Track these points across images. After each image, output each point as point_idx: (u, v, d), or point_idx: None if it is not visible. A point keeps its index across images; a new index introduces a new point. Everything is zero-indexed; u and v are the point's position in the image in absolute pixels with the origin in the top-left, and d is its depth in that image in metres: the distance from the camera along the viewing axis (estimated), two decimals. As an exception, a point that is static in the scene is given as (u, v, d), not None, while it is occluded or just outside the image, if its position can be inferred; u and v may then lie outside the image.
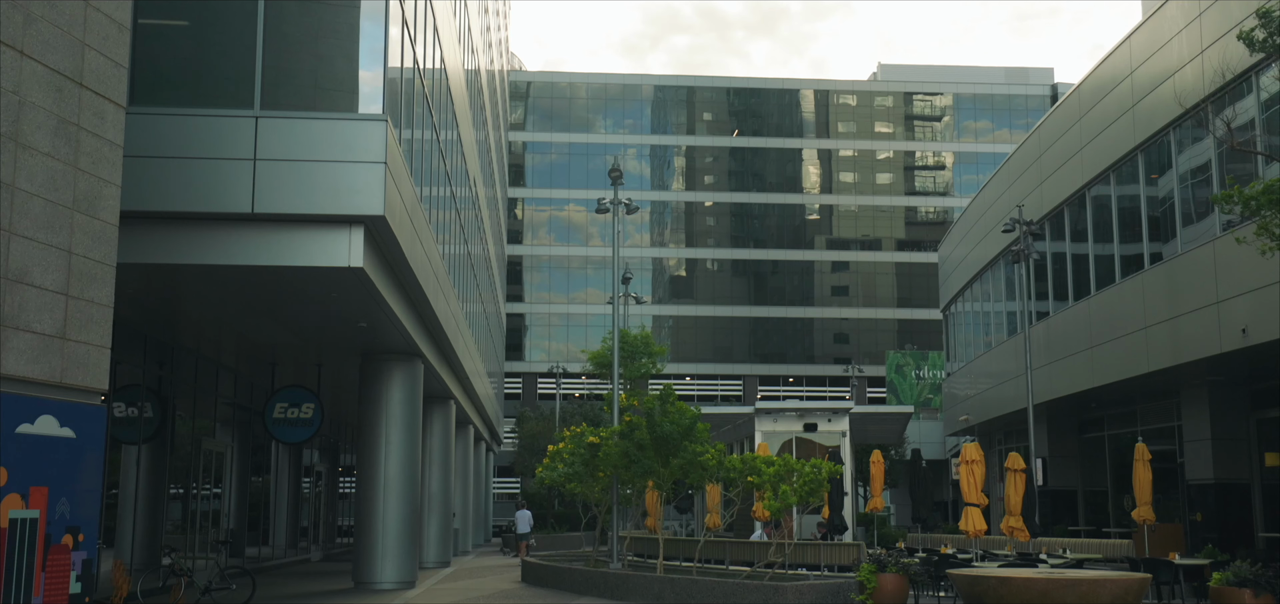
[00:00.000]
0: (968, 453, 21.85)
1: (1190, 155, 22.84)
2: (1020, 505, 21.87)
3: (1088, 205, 28.45)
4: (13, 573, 8.12)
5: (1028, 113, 74.25)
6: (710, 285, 74.18)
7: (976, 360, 39.94)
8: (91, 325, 9.02)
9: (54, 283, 8.63)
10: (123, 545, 19.11)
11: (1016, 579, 12.32)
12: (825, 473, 18.06)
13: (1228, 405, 24.15)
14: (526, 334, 73.13)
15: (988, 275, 38.15)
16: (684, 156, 75.63)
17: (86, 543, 8.84)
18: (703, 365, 72.44)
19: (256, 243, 13.96)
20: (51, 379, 8.58)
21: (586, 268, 73.75)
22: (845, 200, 74.81)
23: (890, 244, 74.43)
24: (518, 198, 73.57)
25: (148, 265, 13.88)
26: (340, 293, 15.87)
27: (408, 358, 21.50)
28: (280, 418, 22.02)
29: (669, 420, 18.73)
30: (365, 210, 14.08)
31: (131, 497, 19.60)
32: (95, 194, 9.13)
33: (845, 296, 73.82)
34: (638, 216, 72.65)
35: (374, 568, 20.78)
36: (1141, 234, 25.24)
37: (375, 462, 21.12)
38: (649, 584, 17.95)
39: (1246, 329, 19.31)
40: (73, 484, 8.71)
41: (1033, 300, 31.87)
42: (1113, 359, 25.79)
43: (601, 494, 22.16)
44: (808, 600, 15.78)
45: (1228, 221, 20.28)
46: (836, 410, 30.47)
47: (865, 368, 68.50)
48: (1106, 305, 26.60)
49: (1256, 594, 12.57)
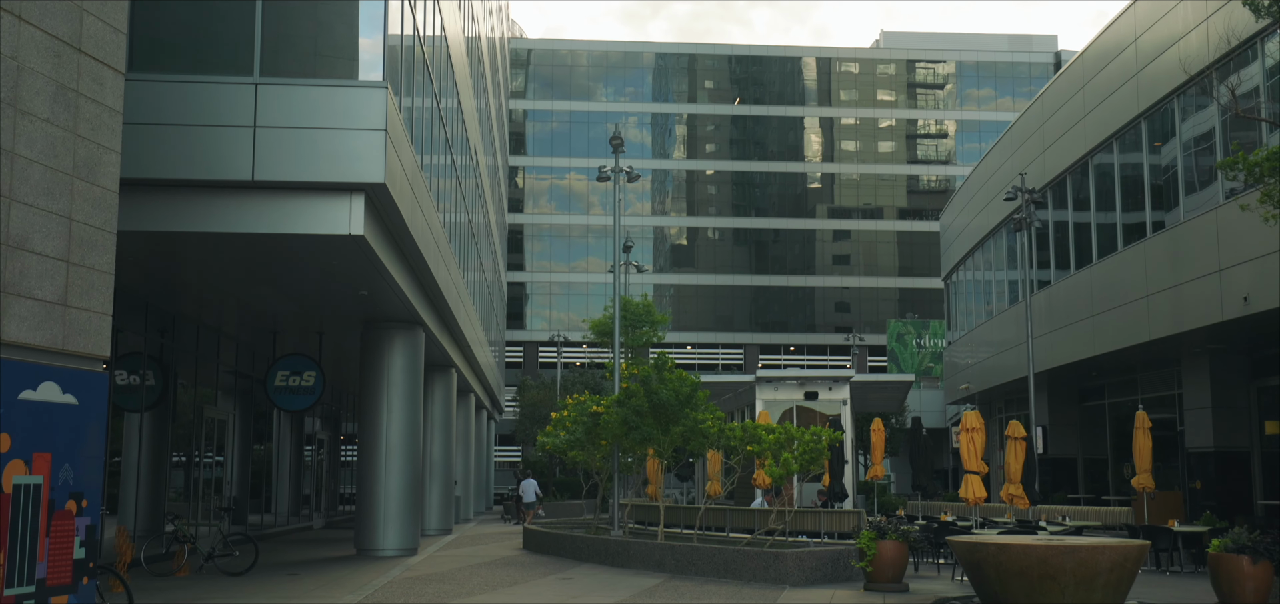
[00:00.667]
0: (968, 421, 21.90)
1: (1194, 123, 22.74)
2: (1020, 473, 21.94)
3: (1090, 173, 28.36)
4: (17, 538, 8.16)
5: (1031, 81, 73.89)
6: (711, 254, 74.09)
7: (977, 329, 39.96)
8: (93, 292, 9.02)
9: (55, 249, 8.62)
10: (126, 513, 19.21)
11: (1015, 546, 12.37)
12: (825, 441, 18.11)
13: (1228, 374, 24.18)
14: (527, 303, 73.14)
15: (989, 244, 38.09)
16: (685, 125, 75.34)
17: (90, 509, 8.87)
18: (704, 334, 72.49)
19: (257, 210, 13.94)
20: (53, 346, 8.58)
21: (587, 236, 73.64)
22: (847, 169, 74.58)
23: (892, 213, 74.27)
24: (518, 166, 73.36)
25: (148, 233, 13.87)
26: (341, 261, 15.86)
27: (409, 326, 21.51)
28: (282, 386, 22.06)
29: (666, 388, 18.75)
30: (366, 178, 14.04)
31: (134, 464, 19.67)
32: (95, 161, 9.10)
33: (846, 265, 73.75)
34: (639, 185, 72.47)
35: (376, 535, 20.89)
36: (1144, 202, 25.18)
37: (377, 429, 21.18)
38: (650, 551, 18.05)
39: (1248, 297, 19.29)
40: (76, 450, 8.74)
41: (1034, 269, 31.83)
42: (1114, 327, 25.80)
43: (602, 462, 22.24)
44: (808, 567, 15.87)
45: (1231, 190, 20.22)
46: (837, 379, 30.52)
47: (866, 336, 68.55)
48: (1108, 274, 26.58)
49: (1254, 561, 12.62)
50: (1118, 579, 12.07)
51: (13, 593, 8.12)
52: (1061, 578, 11.86)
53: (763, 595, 14.36)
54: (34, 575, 8.31)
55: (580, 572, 17.79)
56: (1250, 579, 12.65)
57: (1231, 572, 12.77)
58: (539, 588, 15.46)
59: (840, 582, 15.91)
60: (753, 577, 16.04)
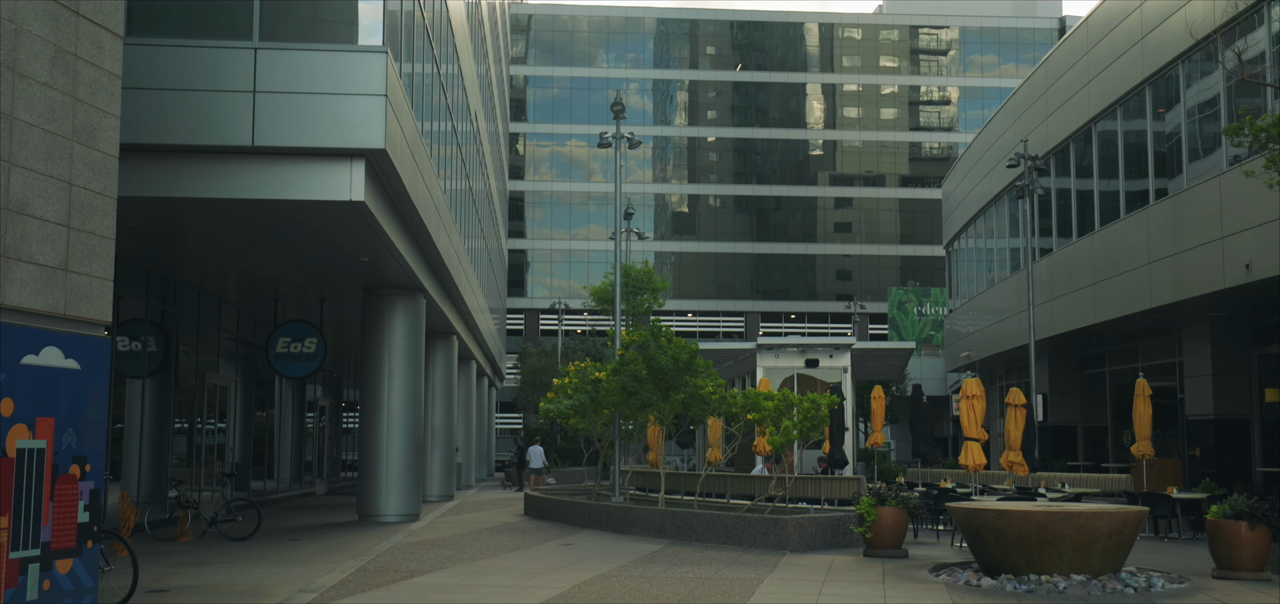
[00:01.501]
0: (968, 388, 21.92)
1: (1199, 89, 22.62)
2: (1020, 440, 21.99)
3: (1094, 140, 28.24)
4: (21, 501, 8.19)
5: (1035, 46, 73.45)
6: (712, 221, 73.96)
7: (979, 297, 39.95)
8: (93, 257, 9.01)
9: (55, 214, 8.60)
10: (129, 479, 19.29)
11: (1014, 512, 12.43)
12: (825, 408, 18.14)
13: (1229, 341, 24.19)
14: (528, 270, 73.11)
15: (991, 211, 38.01)
16: (687, 91, 75.00)
17: (93, 473, 8.90)
18: (705, 302, 72.50)
19: (257, 176, 13.90)
20: (55, 311, 8.58)
21: (588, 204, 73.49)
22: (849, 136, 74.29)
23: (894, 180, 74.05)
24: (519, 133, 73.10)
25: (148, 198, 13.84)
26: (341, 227, 15.83)
27: (410, 292, 21.51)
28: (283, 352, 22.10)
29: (665, 354, 18.77)
30: (366, 144, 14.00)
31: (137, 430, 19.74)
32: (94, 125, 9.06)
33: (848, 233, 73.63)
34: (640, 152, 72.24)
35: (378, 501, 20.99)
36: (1147, 169, 25.09)
37: (378, 396, 21.23)
38: (650, 517, 18.14)
39: (1250, 264, 19.26)
40: (79, 415, 8.76)
41: (1036, 236, 31.77)
42: (1115, 295, 25.79)
43: (603, 429, 22.30)
44: (808, 533, 15.95)
45: (1235, 156, 20.15)
46: (838, 346, 30.53)
47: (867, 304, 68.56)
48: (1110, 241, 26.53)
49: (1252, 527, 12.67)
50: (1116, 545, 12.14)
51: (18, 556, 8.16)
52: (1060, 544, 11.93)
53: (763, 561, 14.44)
54: (39, 539, 8.35)
55: (581, 538, 17.88)
56: (1248, 545, 12.70)
57: (1229, 538, 12.83)
58: (540, 554, 15.55)
59: (840, 548, 15.99)
60: (753, 543, 16.12)
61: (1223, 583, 12.47)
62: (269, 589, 11.84)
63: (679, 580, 12.48)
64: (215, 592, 11.64)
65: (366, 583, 12.25)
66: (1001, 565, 12.32)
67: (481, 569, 13.61)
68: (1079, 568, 11.95)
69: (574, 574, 13.07)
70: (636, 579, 12.60)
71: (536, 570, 13.49)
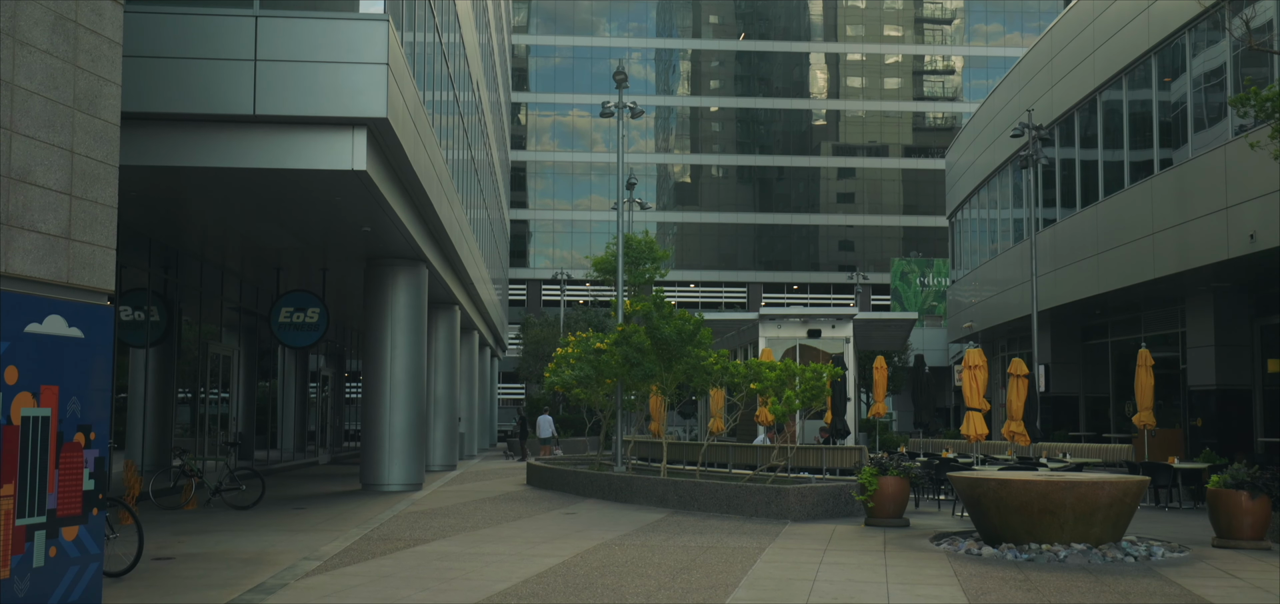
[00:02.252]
0: (971, 358, 21.94)
1: (1205, 58, 22.48)
2: (1022, 411, 22.03)
3: (1098, 110, 28.11)
4: (27, 469, 8.23)
5: (1040, 16, 72.96)
6: (715, 192, 73.82)
7: (981, 267, 39.90)
8: (96, 226, 9.00)
9: (57, 182, 8.59)
10: (133, 448, 19.38)
11: (1016, 481, 12.46)
12: (827, 378, 18.16)
13: (1232, 311, 24.17)
14: (531, 241, 73.06)
15: (995, 181, 37.89)
16: (689, 60, 74.63)
17: (98, 441, 8.94)
18: (707, 272, 72.47)
19: (259, 145, 13.87)
20: (58, 279, 8.59)
21: (590, 174, 73.33)
22: (852, 105, 73.97)
23: (897, 150, 73.80)
24: (521, 103, 72.84)
25: (150, 167, 13.82)
26: (343, 196, 15.81)
27: (412, 262, 21.51)
28: (286, 322, 22.13)
29: (669, 325, 18.78)
30: (368, 112, 13.96)
31: (140, 400, 19.81)
32: (95, 93, 9.03)
33: (851, 204, 73.47)
34: (642, 122, 71.99)
35: (381, 470, 21.08)
36: (1152, 139, 24.99)
37: (381, 365, 21.28)
38: (652, 487, 18.21)
39: (1254, 234, 19.22)
40: (83, 384, 8.78)
41: (1040, 207, 31.69)
42: (1119, 265, 25.75)
43: (606, 400, 22.34)
44: (809, 503, 16.01)
45: (1240, 126, 20.05)
46: (841, 317, 30.53)
47: (870, 275, 68.52)
48: (1114, 211, 26.46)
49: (1253, 496, 12.71)
50: (1116, 514, 12.18)
51: (24, 523, 8.21)
52: (1061, 513, 11.97)
53: (764, 529, 14.51)
54: (45, 506, 8.40)
55: (584, 507, 17.97)
56: (1248, 514, 12.75)
57: (1230, 507, 12.87)
58: (543, 523, 15.63)
59: (841, 517, 16.06)
60: (755, 512, 16.19)
61: (1223, 551, 12.52)
62: (274, 556, 11.91)
63: (681, 549, 12.55)
64: (220, 559, 11.71)
65: (370, 551, 12.33)
66: (1002, 534, 12.37)
67: (484, 538, 13.69)
68: (1080, 537, 12.00)
69: (576, 543, 13.14)
70: (639, 548, 12.66)
71: (539, 539, 13.56)
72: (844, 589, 9.90)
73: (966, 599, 9.38)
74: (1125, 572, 10.96)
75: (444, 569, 10.99)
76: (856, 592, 9.77)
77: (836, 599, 9.40)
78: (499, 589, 9.79)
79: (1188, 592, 9.85)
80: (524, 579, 10.36)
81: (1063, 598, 9.44)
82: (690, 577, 10.54)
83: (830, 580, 10.39)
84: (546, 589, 9.82)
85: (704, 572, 10.84)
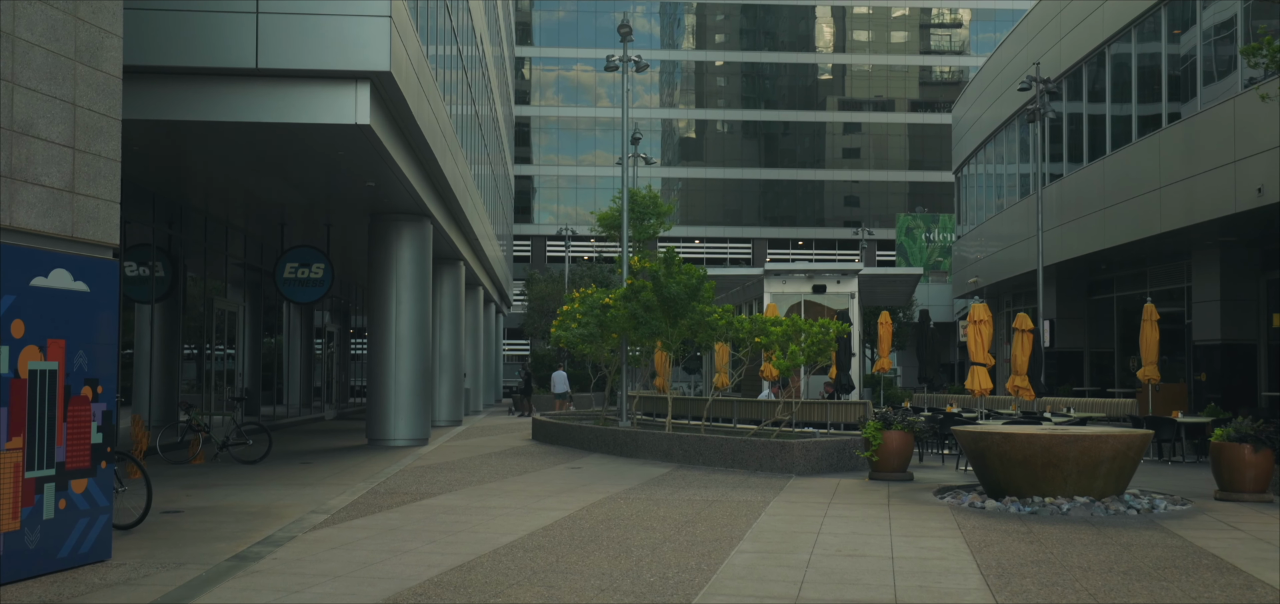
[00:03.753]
0: (976, 313, 21.92)
1: (1215, 10, 22.24)
2: (1026, 366, 22.04)
3: (1107, 63, 27.86)
4: (35, 422, 8.28)
5: (1048, -32, 72.07)
6: (720, 147, 73.48)
7: (987, 222, 39.77)
8: (99, 179, 8.99)
9: (60, 135, 8.56)
10: (140, 403, 19.48)
11: (1019, 435, 12.49)
12: (832, 332, 18.16)
13: (1238, 266, 24.10)
14: (535, 196, 72.90)
15: (1002, 136, 37.67)
16: (694, 14, 73.99)
17: (105, 395, 8.98)
18: (712, 228, 72.33)
19: (261, 99, 13.81)
20: (63, 233, 8.58)
21: (595, 129, 73.00)
22: (858, 59, 73.39)
23: (903, 105, 73.31)
24: (525, 57, 72.34)
25: (152, 122, 13.77)
26: (347, 151, 15.76)
27: (416, 218, 21.48)
28: (291, 278, 22.15)
29: (675, 281, 18.76)
30: (371, 66, 13.87)
31: (146, 356, 19.88)
32: (97, 45, 8.98)
33: (856, 159, 73.12)
34: (647, 77, 71.55)
35: (387, 425, 21.18)
36: (1161, 93, 24.78)
37: (386, 321, 21.32)
38: (657, 441, 18.29)
39: (1262, 188, 19.11)
40: (89, 337, 8.81)
41: (1047, 161, 31.51)
42: (1125, 220, 25.64)
43: (611, 355, 22.38)
44: (814, 457, 16.07)
45: (1250, 79, 19.87)
46: (845, 272, 30.48)
47: (875, 231, 68.32)
48: (1121, 166, 26.30)
49: (1256, 449, 12.73)
50: (1119, 468, 12.22)
51: (34, 475, 8.27)
52: (1064, 466, 12.01)
53: (769, 483, 14.58)
54: (54, 459, 8.45)
55: (589, 461, 18.06)
56: (1251, 467, 12.78)
57: (1232, 460, 12.90)
58: (549, 477, 15.72)
59: (845, 471, 16.13)
60: (759, 466, 16.26)
61: (1225, 504, 12.57)
62: (281, 510, 12.01)
63: (686, 502, 12.62)
64: (228, 512, 11.81)
65: (377, 505, 12.41)
66: (1006, 488, 12.42)
67: (490, 492, 13.77)
68: (1083, 490, 12.04)
69: (582, 496, 13.22)
70: (644, 501, 12.74)
71: (544, 493, 13.64)
72: (848, 541, 9.96)
73: (970, 551, 9.43)
74: (1128, 524, 11.01)
75: (451, 522, 11.07)
76: (860, 544, 9.83)
77: (841, 551, 9.46)
78: (505, 542, 9.87)
79: (1189, 543, 9.89)
80: (530, 532, 10.44)
81: (1065, 550, 9.50)
82: (695, 529, 10.60)
83: (834, 533, 10.45)
84: (552, 542, 9.89)
85: (709, 524, 10.91)
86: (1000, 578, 8.30)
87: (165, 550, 9.40)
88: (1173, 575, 8.44)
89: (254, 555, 9.15)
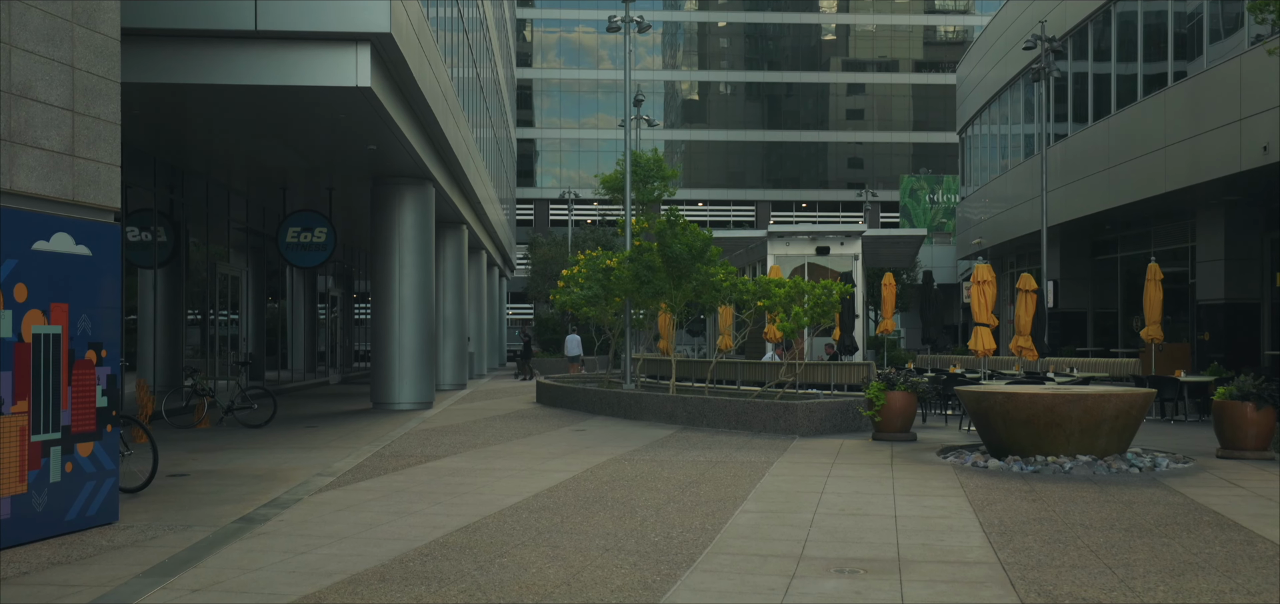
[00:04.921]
0: (979, 273, 21.88)
1: (1222, -34, 22.02)
2: (1030, 326, 22.02)
3: (1113, 21, 27.61)
4: (40, 386, 8.30)
5: (1054, -74, 71.35)
6: (723, 109, 73.11)
7: (991, 183, 39.62)
8: (99, 143, 8.95)
9: (59, 98, 8.52)
10: (144, 368, 19.53)
11: (1022, 394, 12.50)
12: (836, 294, 18.15)
13: (1243, 225, 24.01)
14: (537, 160, 72.66)
15: (1006, 96, 37.43)
16: (696, -25, 73.33)
17: (110, 359, 9.00)
18: (715, 191, 72.11)
19: (261, 61, 13.73)
20: (63, 196, 8.57)
21: (597, 92, 72.61)
22: (862, 20, 72.82)
23: (907, 65, 72.82)
24: (526, 19, 71.83)
25: (152, 85, 13.71)
26: (348, 114, 15.69)
27: (419, 181, 21.42)
28: (293, 242, 22.13)
29: (680, 242, 18.72)
30: (372, 27, 13.78)
31: (150, 321, 19.91)
32: (94, 6, 8.91)
33: (860, 120, 72.73)
34: (649, 39, 71.07)
35: (392, 389, 21.24)
36: (1166, 51, 24.58)
37: (389, 285, 21.32)
38: (661, 403, 18.33)
39: (1268, 146, 19.00)
40: (92, 301, 8.81)
41: (1051, 122, 31.33)
42: (1130, 180, 25.53)
43: (614, 318, 22.39)
44: (817, 418, 16.11)
45: (1257, 35, 19.70)
46: (849, 234, 30.42)
47: (879, 192, 68.10)
48: (1126, 125, 26.15)
49: (1258, 407, 12.74)
50: (1122, 426, 12.23)
51: (40, 439, 8.31)
52: (1067, 425, 12.02)
53: (773, 444, 14.63)
54: (59, 423, 8.49)
55: (593, 424, 18.12)
56: (1253, 424, 12.79)
57: (1234, 418, 12.91)
58: (553, 439, 15.77)
59: (849, 432, 16.17)
60: (763, 428, 16.31)
61: (1226, 462, 12.59)
62: (287, 473, 12.07)
63: (690, 464, 12.67)
64: (235, 475, 11.87)
65: (382, 467, 12.47)
66: (1009, 447, 12.45)
67: (495, 454, 13.83)
68: (1085, 449, 12.06)
69: (586, 458, 13.27)
70: (648, 463, 12.79)
71: (549, 455, 13.70)
72: (851, 500, 10.00)
73: (972, 509, 9.47)
74: (1130, 482, 11.04)
75: (456, 484, 11.13)
76: (864, 503, 9.86)
77: (844, 511, 9.50)
78: (510, 503, 9.91)
79: (1190, 500, 9.92)
80: (535, 493, 10.48)
81: (1067, 508, 9.53)
82: (699, 490, 10.65)
83: (838, 493, 10.49)
84: (557, 503, 9.94)
85: (713, 485, 10.95)
86: (1002, 535, 8.33)
87: (172, 513, 9.45)
88: (1174, 532, 8.47)
89: (261, 517, 9.20)
